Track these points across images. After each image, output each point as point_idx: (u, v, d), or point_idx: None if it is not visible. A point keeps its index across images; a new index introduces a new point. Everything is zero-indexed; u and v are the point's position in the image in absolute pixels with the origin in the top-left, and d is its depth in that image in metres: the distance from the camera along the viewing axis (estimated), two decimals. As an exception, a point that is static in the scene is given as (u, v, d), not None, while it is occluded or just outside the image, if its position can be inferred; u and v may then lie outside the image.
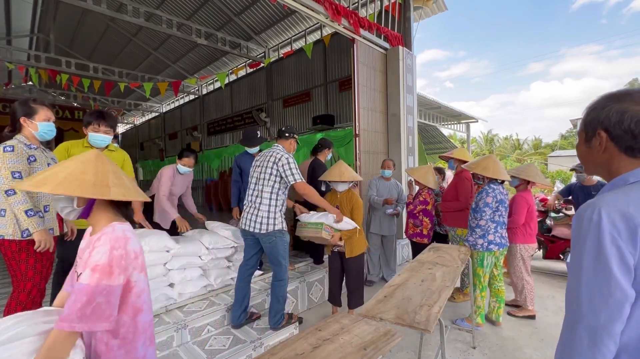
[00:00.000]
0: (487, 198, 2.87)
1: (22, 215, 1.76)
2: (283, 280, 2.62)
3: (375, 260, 4.18)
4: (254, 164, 2.65)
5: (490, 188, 2.90)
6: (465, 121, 12.87)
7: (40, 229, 1.81)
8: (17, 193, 1.75)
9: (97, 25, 11.13)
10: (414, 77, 5.55)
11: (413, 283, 1.99)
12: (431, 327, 1.47)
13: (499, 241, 2.90)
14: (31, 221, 1.78)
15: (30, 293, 1.85)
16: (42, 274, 1.89)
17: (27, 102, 1.94)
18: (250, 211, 2.55)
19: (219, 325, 2.70)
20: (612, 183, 0.79)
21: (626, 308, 0.68)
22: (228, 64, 11.70)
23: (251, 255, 2.66)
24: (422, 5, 5.83)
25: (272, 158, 2.53)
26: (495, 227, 2.90)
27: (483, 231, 2.89)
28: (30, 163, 1.85)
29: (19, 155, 1.80)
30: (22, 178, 1.78)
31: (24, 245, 1.81)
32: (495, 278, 3.07)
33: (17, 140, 1.86)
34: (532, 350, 2.65)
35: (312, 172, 3.75)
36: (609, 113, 0.77)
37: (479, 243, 2.90)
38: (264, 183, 2.52)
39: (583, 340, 0.71)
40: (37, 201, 1.89)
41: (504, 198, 2.90)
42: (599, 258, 0.69)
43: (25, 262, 1.82)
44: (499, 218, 2.91)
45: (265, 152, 2.65)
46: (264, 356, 1.28)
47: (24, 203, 1.77)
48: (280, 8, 8.18)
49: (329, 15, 4.16)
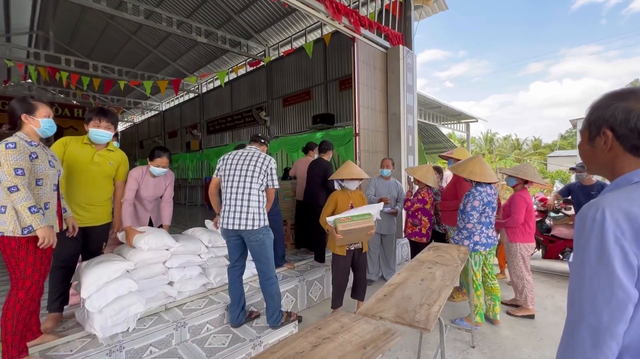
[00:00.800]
0: (474, 201, 2.87)
1: (26, 212, 1.75)
2: (272, 278, 2.60)
3: (375, 259, 4.18)
4: (231, 162, 2.59)
5: (477, 191, 2.89)
6: (465, 121, 12.87)
7: (43, 225, 1.80)
8: (21, 189, 1.74)
9: (97, 23, 11.10)
10: (414, 76, 5.54)
11: (413, 282, 1.99)
12: (431, 326, 1.47)
13: (485, 241, 2.92)
14: (35, 218, 1.77)
15: (29, 290, 1.84)
16: (40, 271, 1.88)
17: (27, 99, 1.93)
18: (236, 209, 2.49)
19: (218, 323, 2.70)
20: (615, 182, 0.78)
21: (629, 308, 0.67)
22: (228, 63, 11.68)
23: (238, 256, 2.62)
24: (423, 4, 5.82)
25: (259, 158, 2.56)
26: (481, 228, 2.92)
27: (469, 233, 2.92)
28: (32, 160, 1.85)
29: (21, 152, 1.79)
30: (24, 175, 1.77)
31: (23, 242, 1.80)
32: (488, 276, 3.08)
33: (18, 137, 1.85)
34: (531, 349, 2.65)
35: (325, 173, 3.81)
36: (615, 111, 0.76)
37: (465, 244, 2.93)
38: (253, 180, 2.51)
39: (585, 341, 0.70)
40: (39, 198, 1.89)
41: (491, 199, 2.90)
42: (602, 257, 0.68)
43: (24, 260, 1.81)
44: (486, 219, 2.92)
45: (243, 151, 2.64)
46: (263, 355, 1.28)
47: (27, 199, 1.76)
48: (281, 6, 8.16)
49: (330, 13, 4.15)
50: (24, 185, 1.76)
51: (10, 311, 1.80)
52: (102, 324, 2.14)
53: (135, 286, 2.34)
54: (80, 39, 12.38)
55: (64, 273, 2.32)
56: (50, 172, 1.95)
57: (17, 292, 1.81)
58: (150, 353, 2.30)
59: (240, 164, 2.56)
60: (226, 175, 2.58)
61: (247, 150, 2.65)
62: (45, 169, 1.92)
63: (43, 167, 1.91)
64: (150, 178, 2.87)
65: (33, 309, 1.91)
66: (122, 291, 2.25)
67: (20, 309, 1.82)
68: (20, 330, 1.85)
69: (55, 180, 2.01)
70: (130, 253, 2.51)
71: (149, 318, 2.49)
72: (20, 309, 1.82)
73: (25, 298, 1.83)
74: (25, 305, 1.84)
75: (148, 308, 2.50)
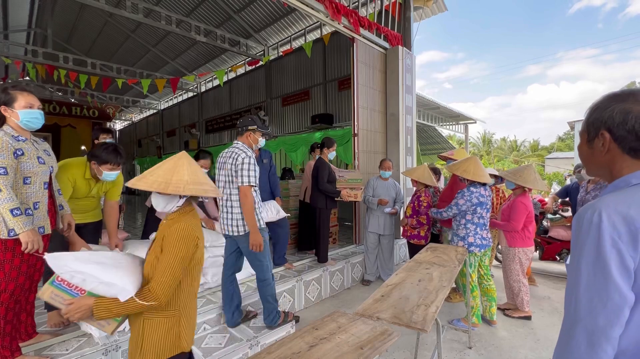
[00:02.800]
0: (460, 200, 2.91)
1: (8, 214, 1.63)
2: (267, 279, 2.57)
3: (373, 259, 4.19)
4: (218, 167, 2.54)
5: (469, 191, 2.91)
6: (463, 122, 12.89)
7: (27, 229, 1.68)
8: (3, 190, 1.63)
9: (96, 21, 11.06)
10: (413, 77, 5.55)
11: (410, 282, 1.99)
12: (428, 327, 1.47)
13: (479, 242, 2.93)
14: (17, 221, 1.65)
15: (14, 293, 1.76)
16: (27, 274, 1.80)
17: (6, 89, 1.76)
18: (225, 215, 2.49)
19: (215, 323, 2.69)
20: (613, 184, 0.78)
21: (625, 311, 0.67)
22: (227, 62, 11.67)
23: (229, 254, 2.61)
24: (422, 5, 5.83)
25: (231, 159, 2.44)
26: (475, 229, 2.93)
27: (463, 234, 2.94)
28: (16, 157, 1.72)
29: (4, 149, 1.67)
30: (7, 174, 1.66)
31: (10, 244, 1.71)
32: (483, 277, 3.09)
33: (3, 132, 1.72)
34: (528, 351, 2.65)
35: (317, 172, 3.78)
36: (613, 113, 0.76)
37: (459, 245, 2.95)
38: (231, 186, 2.45)
39: (581, 343, 0.70)
40: (27, 198, 1.78)
41: (484, 200, 2.91)
42: (599, 260, 0.68)
43: (10, 262, 1.72)
44: (479, 219, 2.93)
45: (226, 152, 2.54)
46: (260, 355, 1.27)
47: (10, 201, 1.63)
48: (280, 6, 8.16)
49: (329, 14, 4.15)
50: (7, 185, 1.65)
51: None
52: (98, 324, 2.13)
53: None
54: (79, 36, 12.33)
55: None
56: (40, 169, 1.83)
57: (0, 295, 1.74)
58: (147, 352, 2.29)
59: (222, 168, 2.51)
60: (217, 180, 2.56)
61: (229, 150, 2.52)
62: (34, 166, 1.79)
63: (30, 164, 1.78)
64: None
65: (23, 310, 1.87)
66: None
67: (5, 312, 1.76)
68: (9, 331, 1.79)
69: (46, 177, 1.89)
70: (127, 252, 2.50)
71: (145, 317, 2.48)
72: (5, 312, 1.76)
73: (9, 300, 1.75)
74: (10, 307, 1.78)
75: (145, 307, 2.48)
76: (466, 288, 2.93)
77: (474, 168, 2.92)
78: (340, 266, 3.95)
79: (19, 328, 1.92)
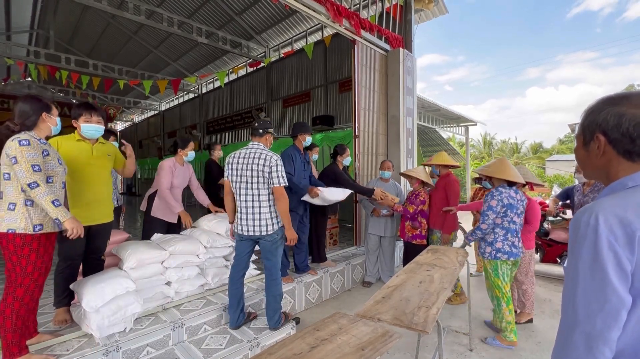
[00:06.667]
0: (492, 201, 2.69)
1: (50, 206, 1.76)
2: (277, 278, 2.59)
3: (373, 261, 4.18)
4: (236, 167, 2.49)
5: (497, 191, 2.72)
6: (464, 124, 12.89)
7: (69, 217, 1.83)
8: (41, 184, 1.75)
9: (98, 22, 11.10)
10: (414, 79, 5.56)
11: (411, 284, 1.99)
12: (429, 328, 1.47)
13: (507, 249, 2.68)
14: (60, 211, 1.79)
15: (28, 288, 1.83)
16: (41, 270, 1.87)
17: (43, 99, 1.96)
18: (249, 216, 2.47)
19: (215, 324, 2.69)
20: (610, 187, 0.79)
21: (622, 314, 0.67)
22: (228, 63, 11.70)
23: (243, 255, 2.60)
24: (423, 7, 5.85)
25: (260, 159, 2.42)
26: (505, 234, 2.70)
27: (482, 233, 2.77)
28: (44, 157, 1.87)
29: (36, 149, 1.82)
30: (41, 171, 1.79)
31: (28, 240, 1.80)
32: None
33: (29, 134, 1.85)
34: (529, 353, 2.65)
35: (334, 176, 3.78)
36: (607, 116, 0.76)
37: (487, 251, 2.77)
38: (260, 186, 2.44)
39: (578, 346, 0.70)
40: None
41: (514, 203, 2.68)
42: (596, 263, 0.68)
43: (26, 257, 1.80)
44: (509, 224, 2.69)
45: (244, 151, 2.51)
46: (261, 356, 1.28)
47: (50, 194, 1.77)
48: (282, 8, 8.19)
49: (330, 16, 4.17)
50: (42, 180, 1.78)
51: (9, 309, 1.79)
52: (99, 324, 2.13)
53: (133, 286, 2.33)
54: (81, 37, 12.37)
55: (70, 272, 2.32)
56: (60, 169, 1.98)
57: (14, 290, 1.80)
58: (147, 353, 2.29)
59: (244, 168, 2.46)
60: (234, 181, 2.51)
61: (249, 150, 2.50)
62: (56, 166, 1.94)
63: (53, 164, 1.93)
64: (180, 168, 3.23)
65: (32, 308, 1.90)
66: (119, 290, 2.24)
67: (19, 306, 1.81)
68: (20, 327, 1.84)
69: (64, 177, 2.04)
70: (129, 253, 2.51)
71: (146, 318, 2.48)
72: (19, 306, 1.81)
73: (23, 295, 1.82)
74: (24, 302, 1.83)
75: (145, 308, 2.49)
76: (500, 302, 2.73)
77: (502, 169, 2.75)
78: (341, 267, 3.95)
79: (28, 325, 1.96)
